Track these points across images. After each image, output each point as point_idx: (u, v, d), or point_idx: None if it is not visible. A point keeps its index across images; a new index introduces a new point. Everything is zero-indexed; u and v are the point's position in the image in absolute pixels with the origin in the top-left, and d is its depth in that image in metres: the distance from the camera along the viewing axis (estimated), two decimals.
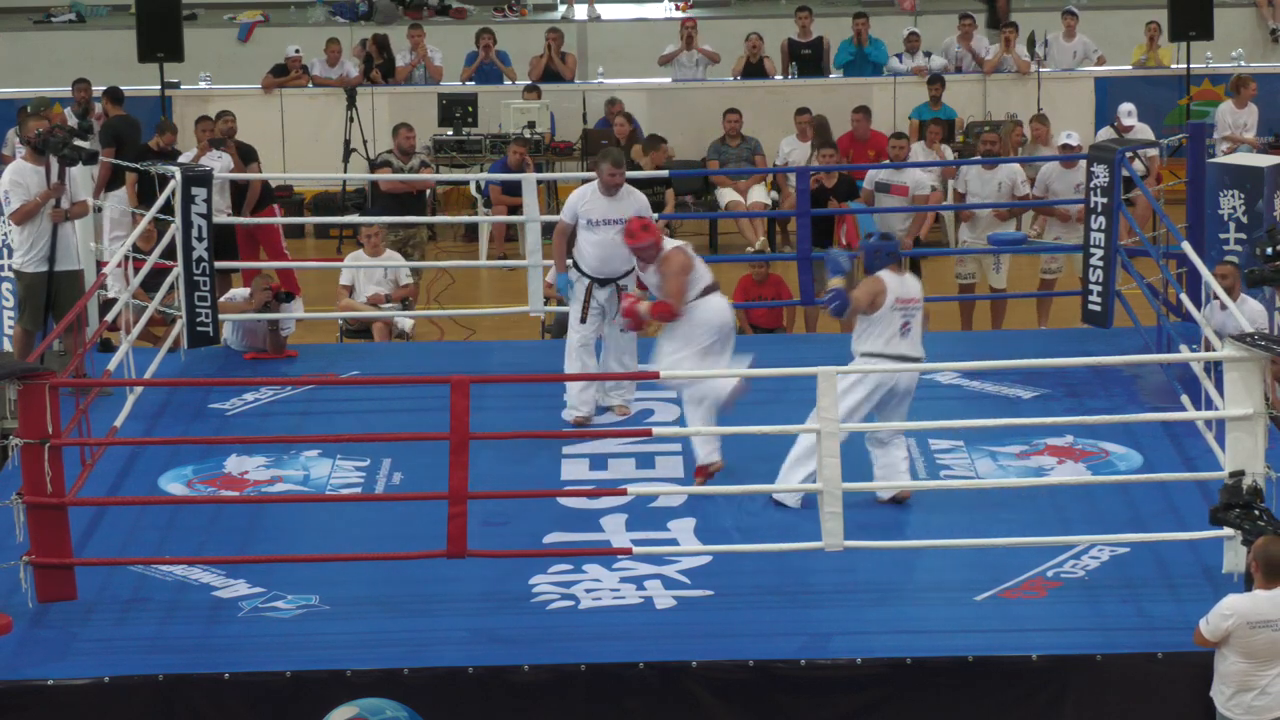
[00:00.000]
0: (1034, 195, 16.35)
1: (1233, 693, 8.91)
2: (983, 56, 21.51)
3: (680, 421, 12.28)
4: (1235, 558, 9.87)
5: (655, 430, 11.55)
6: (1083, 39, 21.92)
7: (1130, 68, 21.76)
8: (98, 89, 19.18)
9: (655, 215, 16.34)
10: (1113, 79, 21.51)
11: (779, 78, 21.59)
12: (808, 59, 21.71)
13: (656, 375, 11.47)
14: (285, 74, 21.28)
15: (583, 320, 12.42)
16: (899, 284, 11.07)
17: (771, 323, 15.76)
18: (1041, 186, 16.22)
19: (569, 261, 12.43)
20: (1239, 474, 9.70)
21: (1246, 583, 9.09)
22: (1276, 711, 8.86)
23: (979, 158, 16.92)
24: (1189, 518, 10.52)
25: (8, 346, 13.31)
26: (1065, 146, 16.72)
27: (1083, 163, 15.69)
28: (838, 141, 18.29)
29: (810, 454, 10.58)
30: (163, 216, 13.57)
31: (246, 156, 17.24)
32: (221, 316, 13.76)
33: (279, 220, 16.46)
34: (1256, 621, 8.82)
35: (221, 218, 14.70)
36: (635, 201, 12.44)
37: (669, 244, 11.74)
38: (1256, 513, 9.19)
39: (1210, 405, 11.06)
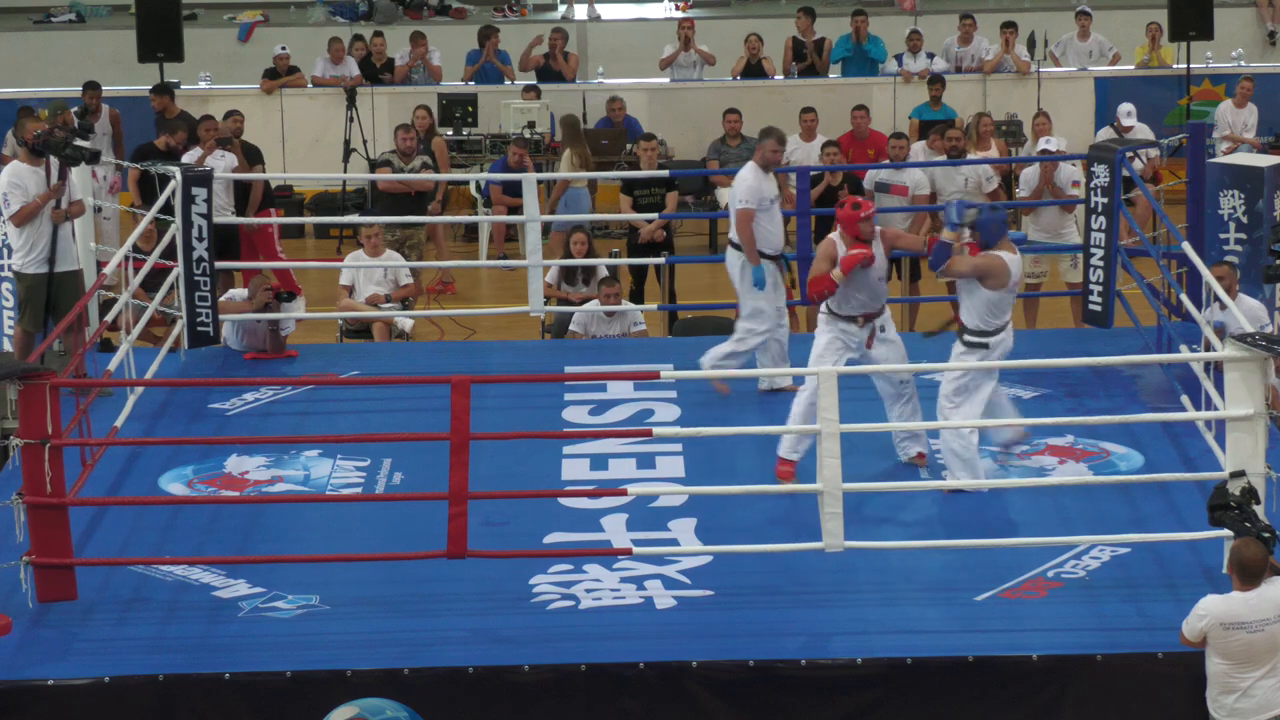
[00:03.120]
0: (1020, 198, 16.33)
1: (1216, 693, 8.91)
2: (983, 58, 21.52)
3: (680, 421, 12.28)
4: None
5: (655, 430, 11.54)
6: (1098, 38, 21.90)
7: (1131, 68, 21.76)
8: (109, 90, 19.16)
9: (656, 215, 16.55)
10: (1113, 79, 21.50)
11: (779, 78, 21.60)
12: (808, 58, 21.70)
13: (657, 375, 11.47)
14: (276, 76, 21.27)
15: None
16: (1015, 264, 11.18)
17: None
18: (1026, 189, 16.13)
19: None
20: (1240, 474, 9.71)
21: None
22: (1261, 715, 8.83)
23: (944, 157, 16.88)
24: (1189, 518, 10.51)
25: (8, 347, 13.30)
26: (1044, 152, 16.62)
27: (1066, 166, 15.72)
28: (839, 141, 18.31)
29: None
30: (162, 216, 13.57)
31: (253, 157, 17.28)
32: (222, 316, 13.76)
33: (274, 220, 16.46)
34: (1230, 623, 8.80)
35: (225, 217, 14.70)
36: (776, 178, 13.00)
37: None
38: (1242, 515, 9.18)
39: (1210, 405, 11.06)
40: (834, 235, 11.46)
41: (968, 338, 11.17)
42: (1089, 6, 22.39)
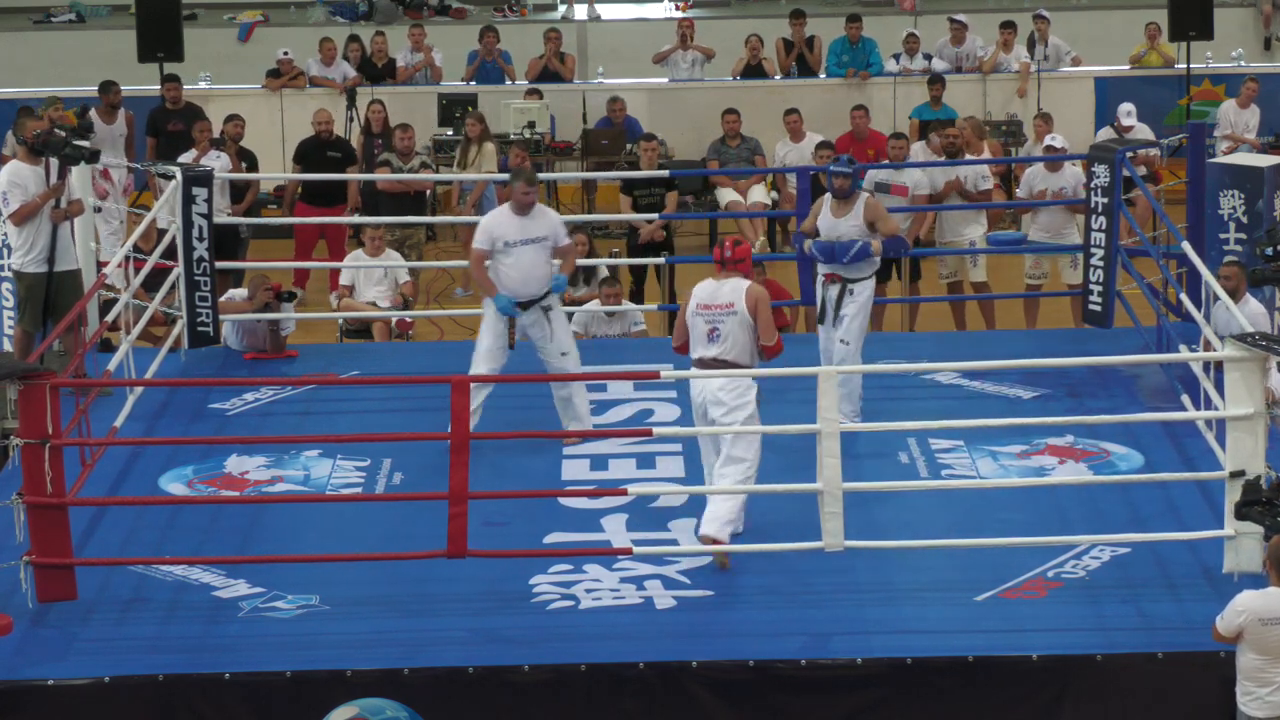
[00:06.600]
0: (1019, 198, 16.31)
1: (1250, 687, 8.95)
2: (980, 57, 21.50)
3: (680, 421, 12.28)
4: (1235, 558, 9.90)
5: (655, 430, 11.54)
6: (1055, 41, 21.84)
7: (1129, 67, 21.75)
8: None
9: (657, 215, 16.53)
10: (1113, 79, 21.50)
11: (778, 78, 21.59)
12: (802, 58, 21.69)
13: (657, 375, 11.46)
14: (279, 77, 21.26)
15: (511, 346, 12.18)
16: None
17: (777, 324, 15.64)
18: (1026, 189, 16.09)
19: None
20: (1240, 474, 9.71)
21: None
22: None
23: (942, 157, 16.84)
24: (1189, 518, 10.53)
25: (8, 347, 13.30)
26: (1050, 149, 16.59)
27: (1069, 166, 15.69)
28: (837, 142, 18.30)
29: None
30: (167, 217, 13.58)
31: (247, 162, 17.35)
32: (222, 316, 13.76)
33: (349, 220, 16.72)
34: (1269, 618, 8.86)
35: (222, 218, 14.70)
36: (548, 221, 12.20)
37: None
38: (1271, 509, 9.20)
39: (1210, 405, 11.06)
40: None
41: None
42: (1085, 5, 22.36)
